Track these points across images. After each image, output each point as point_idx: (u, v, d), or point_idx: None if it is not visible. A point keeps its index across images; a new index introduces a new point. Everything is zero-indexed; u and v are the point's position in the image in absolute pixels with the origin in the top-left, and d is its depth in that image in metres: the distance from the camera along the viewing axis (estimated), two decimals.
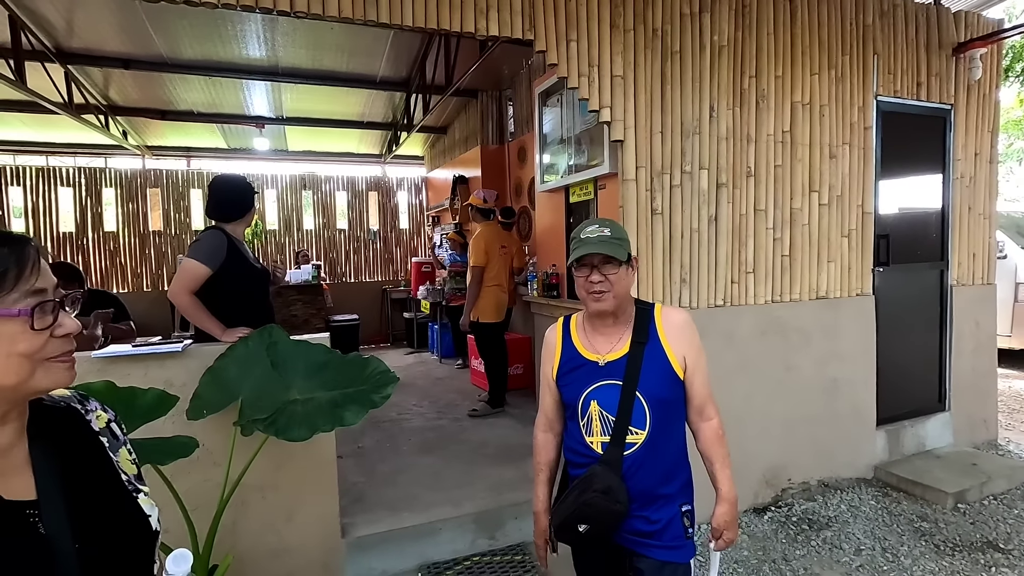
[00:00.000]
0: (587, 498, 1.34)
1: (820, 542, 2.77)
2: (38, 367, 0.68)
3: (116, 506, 0.78)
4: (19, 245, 0.68)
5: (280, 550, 2.27)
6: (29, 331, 0.66)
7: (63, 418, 0.80)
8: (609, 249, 1.36)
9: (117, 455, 0.83)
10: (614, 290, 1.38)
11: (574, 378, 1.44)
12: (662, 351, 1.41)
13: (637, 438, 1.37)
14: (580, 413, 1.42)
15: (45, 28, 4.46)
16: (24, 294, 0.67)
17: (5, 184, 7.17)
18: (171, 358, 2.12)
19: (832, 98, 3.22)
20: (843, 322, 3.30)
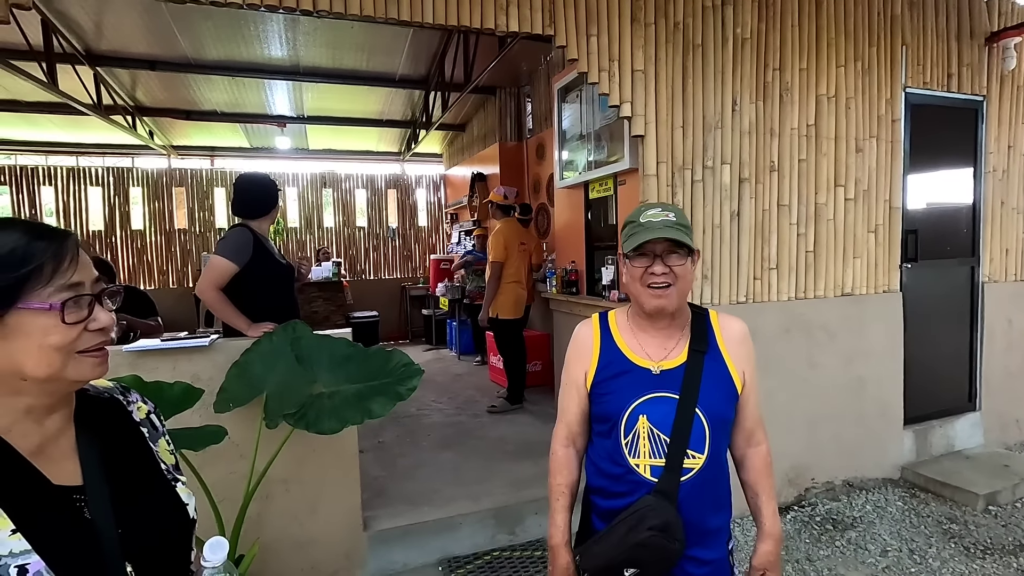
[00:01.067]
0: (642, 537, 1.10)
1: (845, 543, 2.72)
2: (70, 360, 0.69)
3: (156, 493, 0.81)
4: (58, 239, 0.70)
5: (304, 541, 2.31)
6: (61, 324, 0.68)
7: (106, 408, 0.82)
8: (676, 234, 1.15)
9: (156, 445, 0.86)
10: (679, 285, 1.18)
11: (618, 387, 1.21)
12: (723, 363, 1.23)
13: (695, 463, 1.17)
14: (624, 429, 1.19)
15: (75, 31, 4.58)
16: (60, 288, 0.68)
17: (37, 184, 7.38)
18: (198, 353, 2.17)
19: (858, 90, 3.15)
20: (869, 319, 3.24)
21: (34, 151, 7.62)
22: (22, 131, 7.00)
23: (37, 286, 0.67)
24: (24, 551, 0.63)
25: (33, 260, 0.67)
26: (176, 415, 1.77)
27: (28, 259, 0.67)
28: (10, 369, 0.67)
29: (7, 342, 0.66)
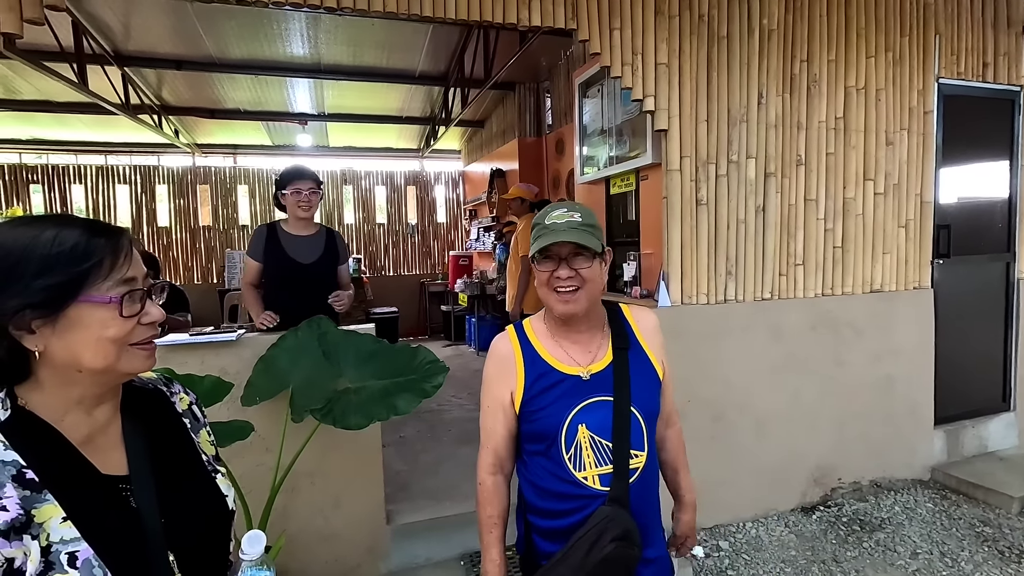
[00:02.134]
0: (606, 552, 1.05)
1: (873, 544, 2.67)
2: (123, 352, 0.71)
3: (198, 484, 0.83)
4: (114, 236, 0.72)
5: (328, 534, 2.34)
6: (119, 318, 0.70)
7: (151, 399, 0.85)
8: (580, 238, 1.11)
9: (198, 436, 0.88)
10: (586, 288, 1.14)
11: (551, 400, 1.15)
12: (645, 356, 1.21)
13: (638, 462, 1.14)
14: (564, 443, 1.13)
15: (104, 32, 4.68)
16: (116, 283, 0.70)
17: (68, 182, 7.57)
18: (225, 347, 2.21)
19: (889, 82, 3.07)
20: (899, 316, 3.16)
21: (65, 150, 7.81)
22: (53, 131, 7.18)
23: (97, 280, 0.69)
24: (74, 539, 0.65)
25: (94, 256, 0.69)
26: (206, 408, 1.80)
27: (89, 255, 0.69)
28: (68, 360, 0.69)
29: (67, 334, 0.68)
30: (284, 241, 2.60)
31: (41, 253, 0.67)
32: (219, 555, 0.80)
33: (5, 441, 0.66)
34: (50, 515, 0.65)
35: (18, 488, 0.64)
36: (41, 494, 0.65)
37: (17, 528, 0.62)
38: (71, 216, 0.73)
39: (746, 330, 2.84)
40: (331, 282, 2.67)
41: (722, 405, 2.81)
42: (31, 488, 0.65)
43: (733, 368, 2.82)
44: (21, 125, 6.84)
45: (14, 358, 0.68)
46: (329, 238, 2.71)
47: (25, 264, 0.66)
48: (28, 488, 0.65)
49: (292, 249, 2.59)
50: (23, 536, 0.62)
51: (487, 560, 1.20)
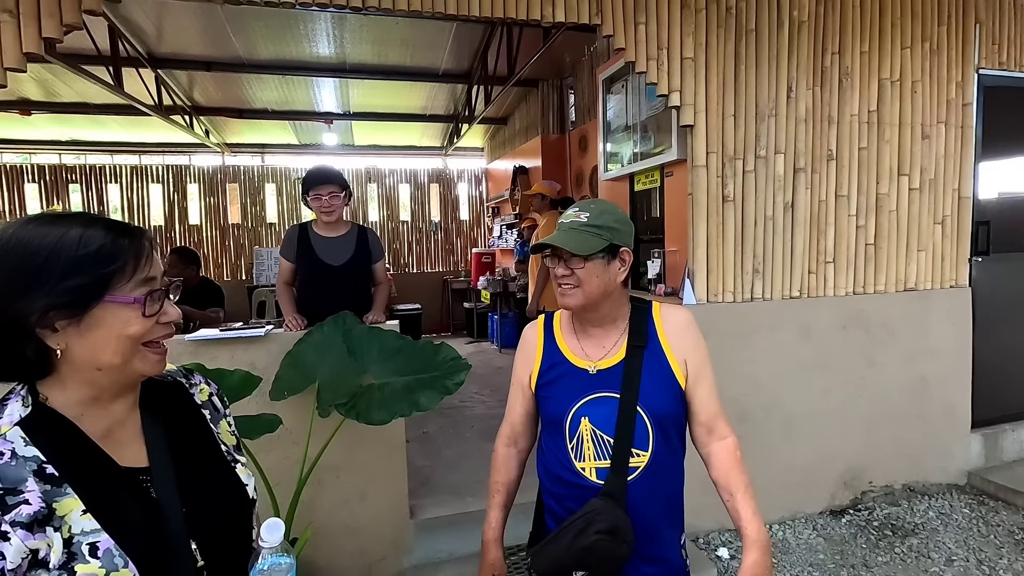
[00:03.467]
0: (589, 542, 1.08)
1: (905, 549, 2.60)
2: (136, 352, 0.73)
3: (217, 474, 0.84)
4: (137, 237, 0.74)
5: (353, 527, 2.38)
6: (141, 317, 0.72)
7: (169, 391, 0.86)
8: (567, 240, 1.14)
9: (218, 427, 0.89)
10: (583, 287, 1.16)
11: (559, 389, 1.20)
12: (663, 356, 1.20)
13: (639, 461, 1.15)
14: (568, 432, 1.17)
15: (139, 35, 4.81)
16: (138, 283, 0.72)
17: (105, 182, 7.83)
18: (254, 343, 2.25)
19: (926, 73, 2.97)
20: (934, 316, 3.06)
21: (101, 151, 8.07)
22: (90, 132, 7.42)
23: (121, 281, 0.71)
24: (94, 530, 0.67)
25: (119, 257, 0.71)
26: (234, 402, 1.84)
27: (115, 256, 0.71)
28: (88, 358, 0.71)
29: (89, 333, 0.70)
30: (315, 242, 2.63)
31: (68, 255, 0.68)
32: (242, 543, 0.82)
33: (26, 437, 0.68)
34: (71, 508, 0.67)
35: (39, 483, 0.66)
36: (61, 488, 0.67)
37: (40, 521, 0.64)
38: (93, 215, 0.75)
39: (774, 329, 2.79)
40: (362, 282, 2.69)
41: (748, 404, 2.77)
42: (51, 482, 0.67)
43: (760, 367, 2.77)
44: (60, 127, 7.09)
45: (37, 355, 0.70)
46: (361, 237, 2.72)
47: (52, 265, 0.67)
48: (49, 482, 0.67)
49: (321, 251, 2.62)
50: (46, 528, 0.64)
51: (486, 523, 1.29)
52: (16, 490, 0.64)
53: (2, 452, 0.66)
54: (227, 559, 0.79)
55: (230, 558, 0.79)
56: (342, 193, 2.65)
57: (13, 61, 1.97)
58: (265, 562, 0.71)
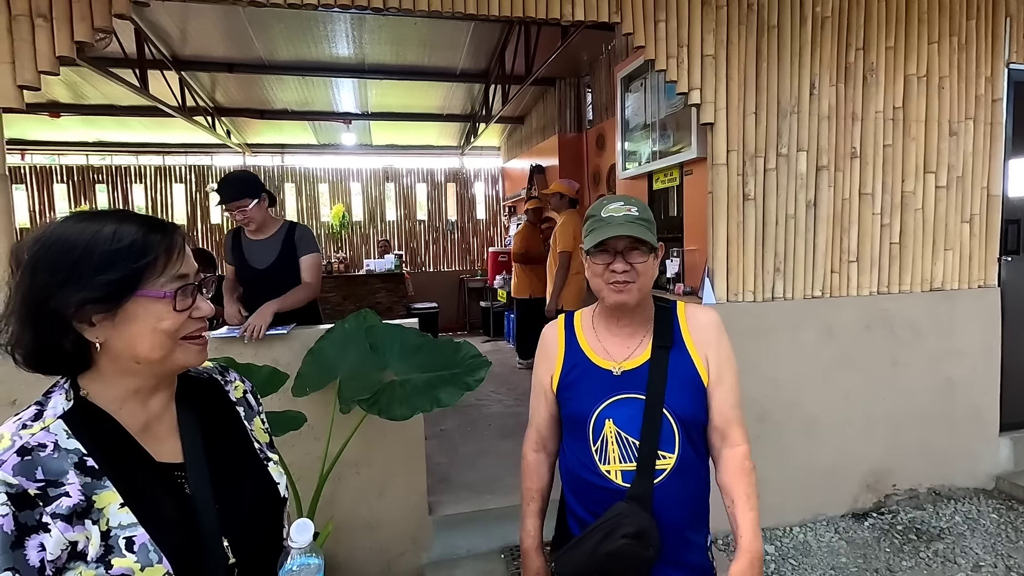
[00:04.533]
0: (615, 547, 1.06)
1: (931, 554, 2.55)
2: (177, 345, 0.74)
3: (250, 472, 0.85)
4: (169, 233, 0.75)
5: (373, 522, 2.40)
6: (172, 311, 0.73)
7: (205, 388, 0.88)
8: (638, 231, 1.10)
9: (251, 424, 0.90)
10: (640, 282, 1.13)
11: (582, 390, 1.17)
12: (688, 357, 1.18)
13: (666, 463, 1.12)
14: (592, 435, 1.15)
15: (163, 38, 4.91)
16: (170, 278, 0.74)
17: (130, 182, 8.00)
18: (278, 339, 2.29)
19: (953, 68, 2.91)
20: (961, 316, 3.00)
21: (126, 151, 8.26)
22: (116, 133, 7.60)
23: (153, 276, 0.72)
24: (131, 524, 0.68)
25: (150, 252, 0.72)
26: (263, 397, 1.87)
27: (146, 251, 0.72)
28: (126, 352, 0.72)
29: (125, 326, 0.71)
30: (244, 246, 2.67)
31: (102, 249, 0.70)
32: (272, 541, 0.83)
33: (68, 430, 0.69)
34: (109, 501, 0.68)
35: (79, 475, 0.67)
36: (101, 481, 0.69)
37: (79, 513, 0.66)
38: (127, 212, 0.76)
39: (795, 328, 2.75)
40: (289, 283, 2.56)
41: (768, 405, 2.74)
42: (91, 475, 0.68)
43: (781, 367, 2.74)
44: (88, 128, 7.26)
45: (77, 349, 0.71)
46: (288, 236, 2.66)
47: (87, 260, 0.69)
48: (89, 475, 0.68)
49: (250, 255, 2.66)
50: (85, 521, 0.66)
51: (523, 531, 1.27)
52: (58, 482, 0.66)
53: (45, 444, 0.67)
54: (257, 557, 0.79)
55: (260, 556, 0.80)
56: (254, 202, 2.55)
57: (46, 64, 2.02)
58: (294, 562, 0.72)
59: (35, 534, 0.63)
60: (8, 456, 0.65)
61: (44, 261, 0.69)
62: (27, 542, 0.62)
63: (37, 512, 0.64)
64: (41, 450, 0.67)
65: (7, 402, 2.01)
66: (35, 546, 0.63)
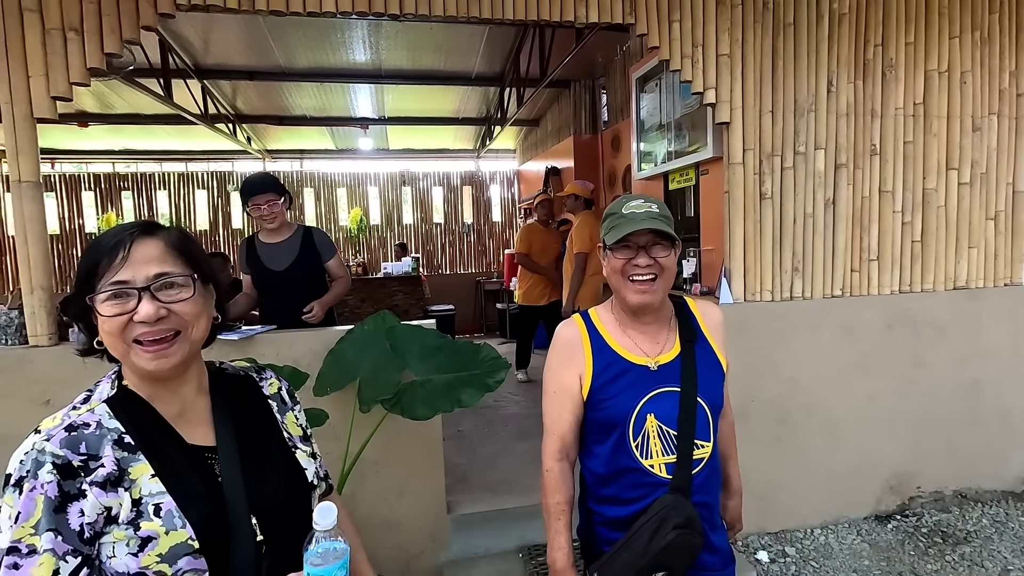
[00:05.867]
0: (668, 540, 1.06)
1: (957, 558, 2.50)
2: (129, 348, 0.77)
3: (278, 458, 0.91)
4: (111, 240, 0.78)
5: (392, 521, 2.43)
6: (104, 316, 0.76)
7: (241, 383, 0.94)
8: (660, 226, 1.12)
9: (284, 417, 0.96)
10: (663, 277, 1.15)
11: (620, 389, 1.16)
12: (711, 350, 1.23)
13: (703, 453, 1.16)
14: (633, 431, 1.14)
15: (186, 48, 5.03)
16: (108, 283, 0.76)
17: (154, 188, 8.20)
18: (299, 340, 2.34)
19: (976, 63, 2.86)
20: (987, 315, 2.94)
21: (151, 159, 8.47)
22: (141, 141, 7.79)
23: (97, 280, 0.77)
24: (160, 492, 0.75)
25: (92, 259, 0.77)
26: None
27: (92, 258, 0.78)
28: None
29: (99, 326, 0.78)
30: (260, 250, 2.71)
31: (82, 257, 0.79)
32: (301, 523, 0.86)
33: (110, 412, 0.78)
34: (142, 472, 0.75)
35: (117, 450, 0.75)
36: (135, 455, 0.76)
37: (113, 481, 0.73)
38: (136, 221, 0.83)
39: (814, 328, 2.73)
40: (311, 283, 2.70)
41: (788, 406, 2.71)
42: (127, 450, 0.76)
43: (800, 368, 2.71)
44: (114, 137, 7.46)
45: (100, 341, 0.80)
46: (306, 239, 2.72)
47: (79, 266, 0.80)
48: (125, 450, 0.76)
49: (267, 258, 2.69)
50: (118, 489, 0.73)
51: (555, 548, 1.18)
52: (97, 456, 0.74)
53: (89, 423, 0.75)
54: (285, 537, 0.83)
55: (288, 537, 0.83)
56: (280, 199, 2.64)
57: (78, 76, 2.10)
58: (320, 545, 0.73)
59: (75, 501, 0.71)
60: (57, 432, 0.73)
61: None
62: (69, 508, 0.70)
63: (78, 481, 0.71)
64: (85, 428, 0.75)
65: (42, 401, 2.08)
66: (76, 512, 0.70)
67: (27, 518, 0.68)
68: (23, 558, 0.67)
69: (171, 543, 0.73)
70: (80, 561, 0.69)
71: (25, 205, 2.10)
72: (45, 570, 0.67)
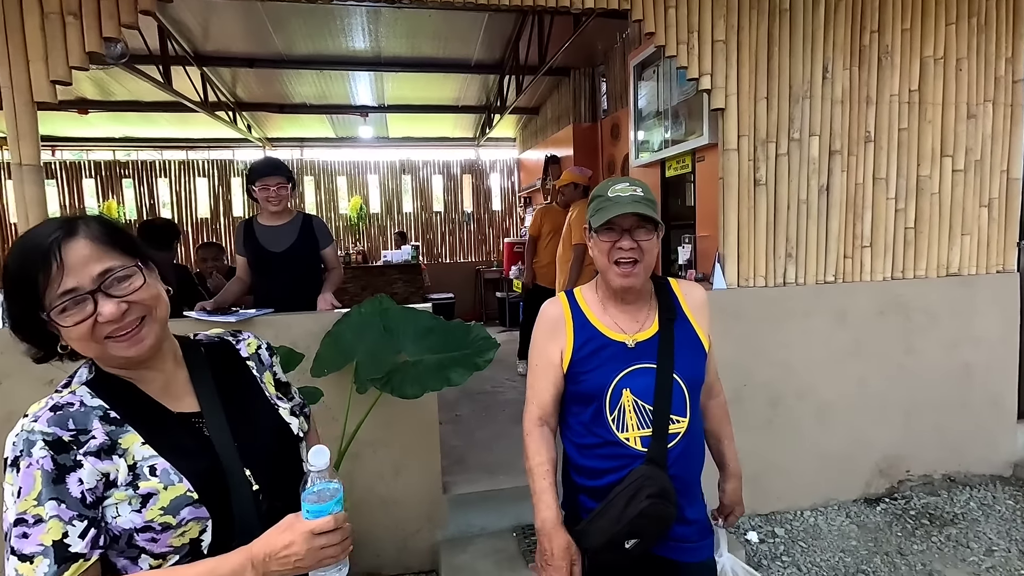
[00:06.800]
0: (642, 507, 1.11)
1: (943, 539, 2.55)
2: (105, 344, 0.78)
3: (263, 414, 0.95)
4: (37, 252, 0.74)
5: (389, 501, 2.48)
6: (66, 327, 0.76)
7: (216, 349, 0.98)
8: (643, 209, 1.16)
9: (262, 376, 1.00)
10: (644, 260, 1.19)
11: (598, 363, 1.21)
12: (691, 327, 1.26)
13: (679, 427, 1.19)
14: (609, 405, 1.19)
15: (185, 35, 5.03)
16: (56, 296, 0.74)
17: (154, 176, 8.22)
18: (297, 322, 2.37)
19: (972, 50, 2.86)
20: (979, 302, 2.96)
21: (151, 147, 8.47)
22: (141, 129, 7.80)
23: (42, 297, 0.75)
24: (152, 455, 0.79)
25: (24, 274, 0.75)
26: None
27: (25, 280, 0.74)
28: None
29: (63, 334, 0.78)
30: (259, 232, 2.75)
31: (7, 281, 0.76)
32: (293, 473, 0.91)
33: (91, 392, 0.80)
34: (132, 441, 0.79)
35: (104, 424, 0.78)
36: (123, 427, 0.79)
37: (106, 450, 0.76)
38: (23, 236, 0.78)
39: (807, 314, 2.76)
40: (307, 267, 2.76)
41: (780, 390, 2.75)
42: (114, 424, 0.79)
43: (793, 353, 2.75)
44: (114, 124, 7.47)
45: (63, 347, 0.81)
46: (305, 224, 2.78)
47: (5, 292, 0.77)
48: (112, 424, 0.79)
49: (265, 240, 2.73)
50: (112, 456, 0.77)
51: (544, 507, 1.19)
52: (86, 430, 0.77)
53: (72, 403, 0.79)
54: (280, 485, 0.89)
55: (282, 485, 0.88)
56: (289, 185, 2.73)
57: (77, 60, 2.12)
58: (315, 485, 0.78)
59: (72, 472, 0.74)
60: (43, 412, 0.76)
61: None
62: (67, 478, 0.73)
63: (72, 454, 0.74)
64: (70, 407, 0.78)
65: (45, 381, 2.12)
66: (75, 481, 0.74)
67: (28, 491, 0.71)
68: (31, 527, 0.71)
69: (171, 496, 0.77)
70: (86, 524, 0.73)
71: (27, 189, 2.13)
72: (54, 534, 0.70)
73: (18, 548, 0.70)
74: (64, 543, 0.71)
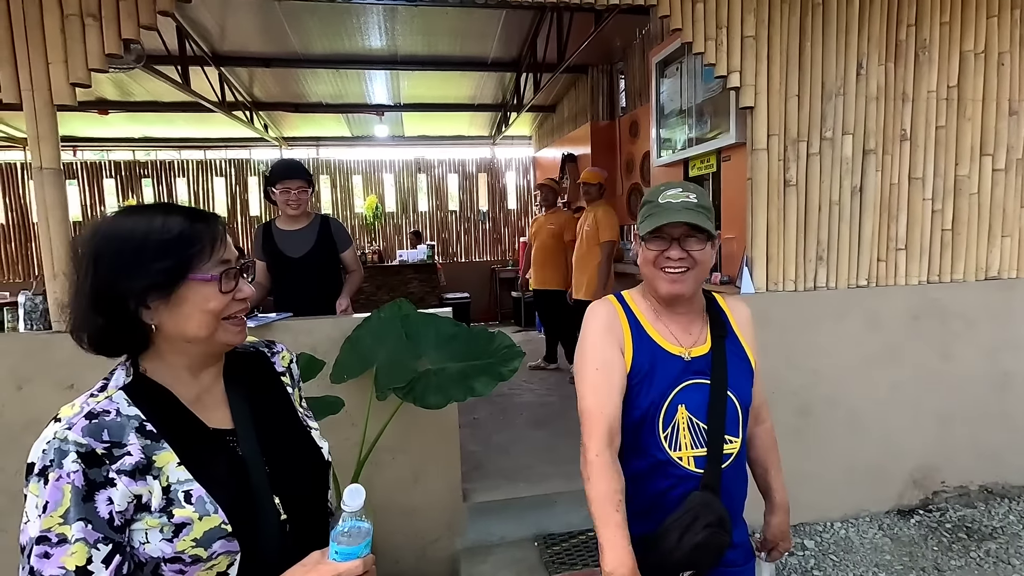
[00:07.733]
0: (700, 538, 1.03)
1: (982, 554, 2.45)
2: (219, 325, 0.80)
3: (296, 436, 0.91)
4: (212, 222, 0.81)
5: (408, 509, 2.44)
6: (218, 293, 0.79)
7: (252, 360, 0.94)
8: (696, 219, 1.07)
9: (294, 394, 0.97)
10: (696, 270, 1.11)
11: (654, 376, 1.12)
12: (740, 346, 1.21)
13: (732, 448, 1.13)
14: (663, 421, 1.11)
15: (204, 35, 5.04)
16: (216, 263, 0.79)
17: (173, 176, 8.29)
18: (316, 327, 2.34)
19: (1015, 44, 2.74)
20: (1019, 307, 2.84)
21: (170, 147, 8.54)
22: (160, 129, 7.86)
23: (201, 262, 0.78)
24: (188, 479, 0.75)
25: (198, 240, 0.78)
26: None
27: (194, 239, 0.78)
28: (177, 332, 0.78)
29: (176, 309, 0.77)
30: (276, 236, 2.72)
31: (156, 239, 0.76)
32: (320, 502, 0.89)
33: (128, 399, 0.76)
34: (167, 460, 0.75)
35: (140, 438, 0.74)
36: (159, 443, 0.75)
37: (141, 470, 0.73)
38: (172, 204, 0.83)
39: (838, 318, 2.66)
40: (326, 271, 2.74)
41: (809, 397, 2.66)
42: (150, 438, 0.75)
43: (823, 358, 2.66)
44: (134, 125, 7.54)
45: (136, 332, 0.78)
46: (324, 227, 2.75)
47: (144, 250, 0.75)
48: (148, 438, 0.75)
49: (283, 244, 2.70)
50: (147, 477, 0.73)
51: (617, 548, 0.98)
52: (121, 443, 0.73)
53: (109, 411, 0.74)
54: (307, 515, 0.85)
55: (310, 514, 0.85)
56: (309, 188, 2.72)
57: (96, 62, 2.10)
58: (346, 524, 0.75)
59: (103, 489, 0.70)
60: (78, 420, 0.72)
61: (105, 252, 0.75)
62: (96, 496, 0.70)
63: (104, 469, 0.71)
64: (106, 415, 0.74)
65: (66, 385, 2.12)
66: (104, 500, 0.70)
67: (55, 507, 0.68)
68: (53, 547, 0.67)
69: (205, 528, 0.74)
70: (111, 548, 0.69)
71: (47, 192, 2.12)
72: (78, 558, 0.67)
73: (37, 568, 0.66)
74: (87, 569, 0.67)
